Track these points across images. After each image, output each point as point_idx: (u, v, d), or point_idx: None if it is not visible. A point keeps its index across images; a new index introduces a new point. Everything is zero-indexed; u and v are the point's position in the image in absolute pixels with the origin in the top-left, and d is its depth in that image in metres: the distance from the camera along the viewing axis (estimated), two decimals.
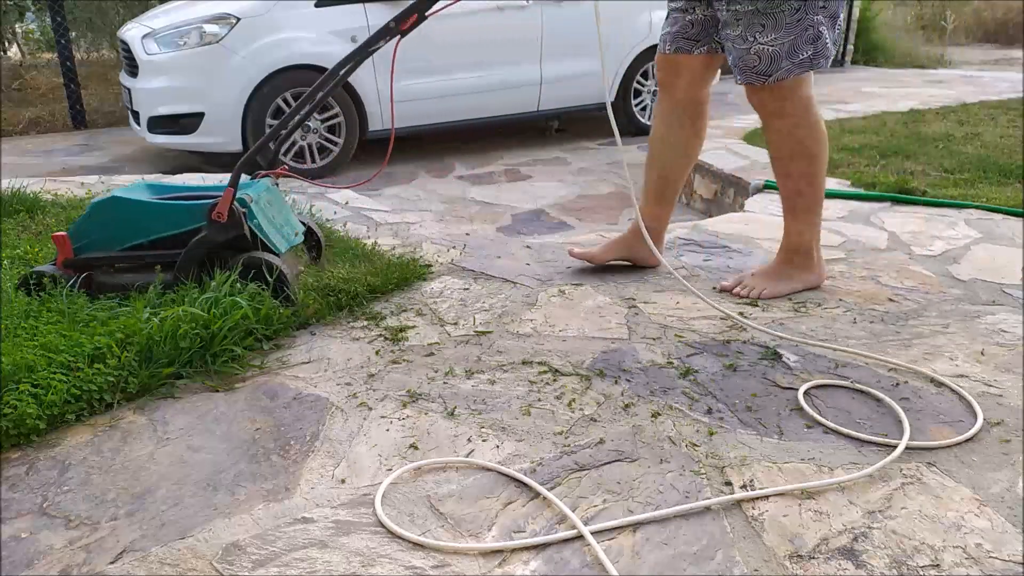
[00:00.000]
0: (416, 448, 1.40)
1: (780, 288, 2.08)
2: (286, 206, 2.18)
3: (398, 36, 1.93)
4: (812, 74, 1.92)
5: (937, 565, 1.11)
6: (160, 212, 1.97)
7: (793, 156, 1.98)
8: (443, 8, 1.93)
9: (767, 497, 1.25)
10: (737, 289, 2.09)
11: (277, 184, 2.19)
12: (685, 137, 2.16)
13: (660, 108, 2.17)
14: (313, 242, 2.29)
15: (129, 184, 2.14)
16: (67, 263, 1.94)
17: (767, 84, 1.87)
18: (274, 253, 1.98)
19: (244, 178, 1.99)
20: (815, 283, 2.13)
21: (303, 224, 2.24)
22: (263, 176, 2.17)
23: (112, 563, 1.12)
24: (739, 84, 1.93)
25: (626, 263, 2.32)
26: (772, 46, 1.82)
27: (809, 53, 1.83)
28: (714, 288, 2.15)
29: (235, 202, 1.91)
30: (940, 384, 1.61)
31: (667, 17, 2.08)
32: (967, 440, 1.40)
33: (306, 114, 2.03)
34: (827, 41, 1.85)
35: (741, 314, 1.98)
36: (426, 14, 1.92)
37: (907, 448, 1.38)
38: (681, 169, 2.22)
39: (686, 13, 2.00)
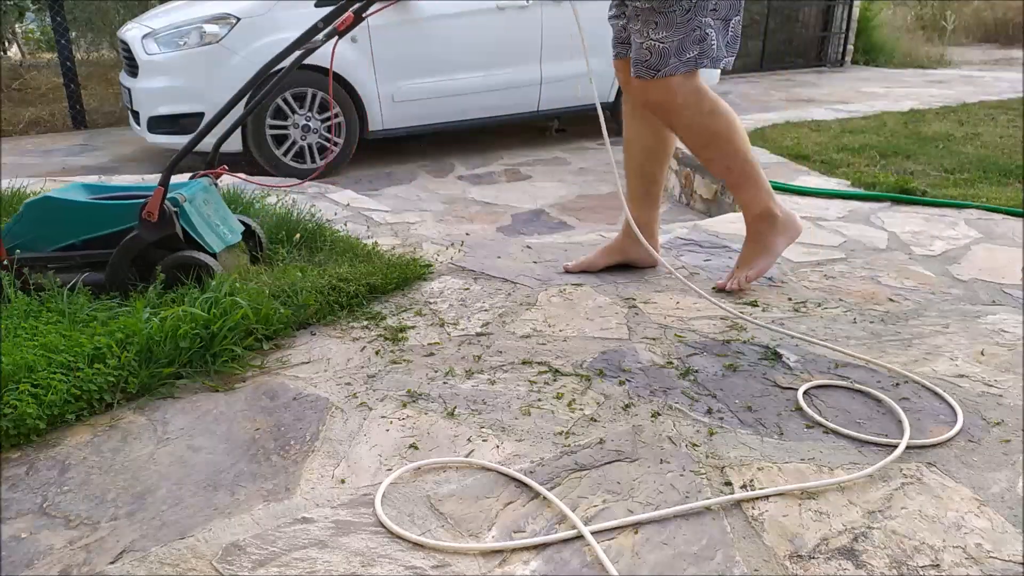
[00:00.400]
0: (416, 448, 1.40)
1: (764, 262, 2.11)
2: (223, 205, 2.18)
3: (336, 37, 1.95)
4: (697, 74, 1.97)
5: (937, 565, 1.11)
6: (91, 212, 1.98)
7: (704, 145, 2.03)
8: (382, 9, 1.95)
9: (767, 497, 1.25)
10: (730, 284, 2.11)
11: (216, 184, 2.20)
12: (654, 133, 2.18)
13: (625, 109, 2.23)
14: (254, 241, 2.28)
15: (65, 185, 2.15)
16: None
17: (655, 79, 1.92)
18: (208, 252, 1.99)
19: (185, 178, 2.00)
20: (794, 235, 2.16)
21: (244, 223, 2.25)
22: (201, 176, 2.18)
23: (112, 563, 1.12)
24: (632, 77, 1.97)
25: (624, 265, 2.32)
26: (662, 43, 1.88)
27: (695, 53, 1.89)
28: (713, 289, 2.15)
29: (166, 202, 1.92)
30: (930, 388, 1.61)
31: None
32: (954, 437, 1.40)
33: (242, 118, 2.04)
34: (713, 43, 1.90)
35: (741, 314, 1.98)
36: (363, 15, 1.94)
37: (906, 448, 1.38)
38: (659, 166, 2.25)
39: (619, 19, 2.09)
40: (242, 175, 2.56)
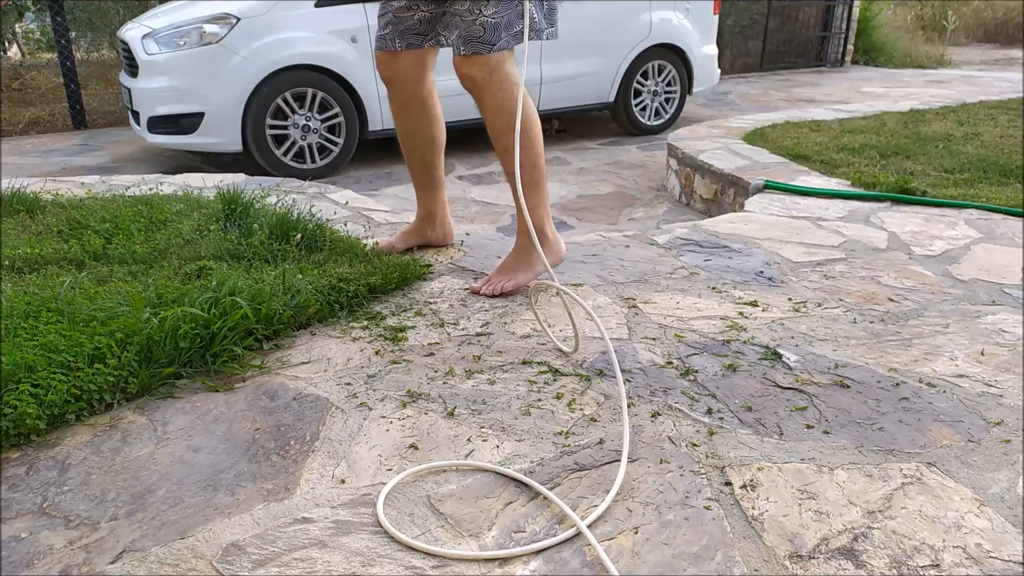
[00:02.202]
0: (416, 448, 1.40)
1: (522, 277, 2.12)
2: None
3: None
4: (512, 55, 2.03)
5: (937, 565, 1.11)
6: None
7: (511, 129, 2.01)
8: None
9: (767, 497, 1.25)
10: (483, 289, 2.11)
11: None
12: (430, 124, 2.28)
13: (393, 106, 2.28)
14: None
15: None
16: None
17: (490, 53, 1.96)
18: None
19: None
20: (555, 262, 2.16)
21: None
22: None
23: (112, 563, 1.12)
24: (461, 55, 1.99)
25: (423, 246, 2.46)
26: (493, 19, 1.95)
27: (519, 27, 1.97)
28: (468, 289, 2.15)
29: None
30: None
31: (384, 17, 2.17)
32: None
33: None
34: (534, 16, 2.00)
35: (741, 314, 1.98)
36: None
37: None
38: (438, 154, 2.35)
39: (415, 12, 2.11)
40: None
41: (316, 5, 4.48)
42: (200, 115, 4.36)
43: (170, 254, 2.29)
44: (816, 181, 3.34)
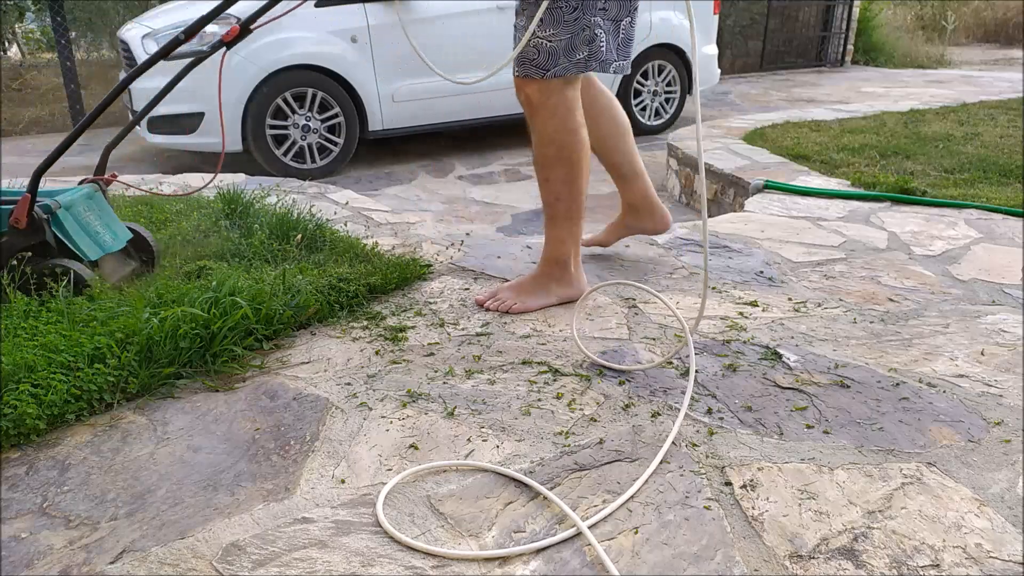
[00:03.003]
0: (416, 448, 1.40)
1: (532, 302, 2.02)
2: (110, 212, 2.13)
3: (223, 48, 1.97)
4: (579, 83, 1.93)
5: (937, 565, 1.11)
6: None
7: (555, 162, 1.95)
8: (267, 23, 1.96)
9: (767, 497, 1.25)
10: (489, 303, 2.03)
11: (103, 190, 2.15)
12: (607, 121, 2.21)
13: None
14: (144, 247, 2.23)
15: None
16: None
17: (544, 78, 1.86)
18: (80, 260, 1.96)
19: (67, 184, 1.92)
20: (572, 297, 2.06)
21: (133, 231, 2.20)
22: (88, 182, 2.15)
23: (112, 563, 1.12)
24: (515, 76, 1.91)
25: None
26: (550, 41, 1.82)
27: (584, 54, 1.84)
28: (475, 299, 2.08)
29: (37, 209, 1.89)
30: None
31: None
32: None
33: (88, 121, 1.99)
34: (602, 44, 1.85)
35: (741, 314, 1.98)
36: (250, 28, 1.94)
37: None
38: (617, 149, 2.25)
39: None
40: (127, 183, 2.48)
41: (316, 5, 4.48)
42: (200, 115, 4.36)
43: (170, 254, 2.29)
44: (816, 181, 3.34)
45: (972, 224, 2.74)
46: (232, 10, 4.37)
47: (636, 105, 5.79)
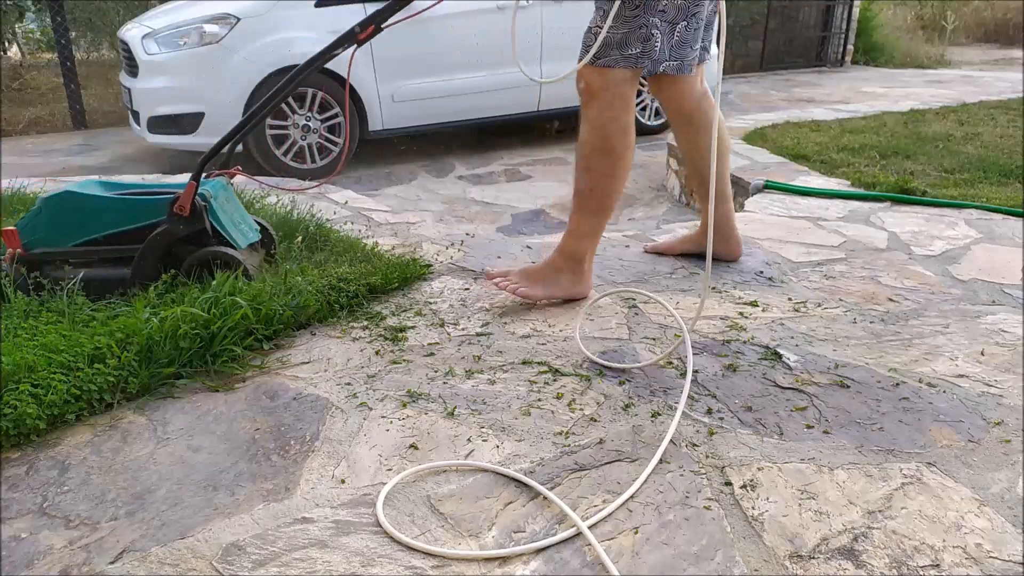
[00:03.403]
0: (416, 448, 1.40)
1: (539, 291, 2.04)
2: (240, 205, 2.20)
3: (355, 45, 1.97)
4: (637, 81, 1.96)
5: (937, 565, 1.11)
6: (117, 206, 1.97)
7: (599, 152, 1.98)
8: (401, 20, 1.97)
9: (767, 497, 1.25)
10: (498, 280, 2.05)
11: (231, 184, 2.22)
12: (691, 137, 2.22)
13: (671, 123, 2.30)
14: (267, 240, 2.29)
15: (81, 181, 2.13)
16: (17, 258, 1.92)
17: (595, 65, 1.91)
18: (234, 248, 2.01)
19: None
20: (578, 295, 2.08)
21: (258, 223, 2.27)
22: (216, 175, 2.19)
23: (112, 563, 1.12)
24: (578, 63, 1.96)
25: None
26: (609, 33, 1.88)
27: (637, 51, 1.89)
28: (484, 273, 2.13)
29: (197, 196, 1.93)
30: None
31: None
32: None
33: (262, 117, 2.06)
34: (657, 44, 1.89)
35: (741, 314, 1.98)
36: (382, 26, 1.95)
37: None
38: (709, 166, 2.24)
39: None
40: (260, 177, 2.56)
41: (316, 5, 4.47)
42: (200, 115, 4.35)
43: None
44: (816, 181, 3.34)
45: (972, 224, 2.74)
46: (232, 9, 4.37)
47: (636, 105, 5.79)
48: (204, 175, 2.09)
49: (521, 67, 2.25)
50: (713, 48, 2.12)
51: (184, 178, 2.11)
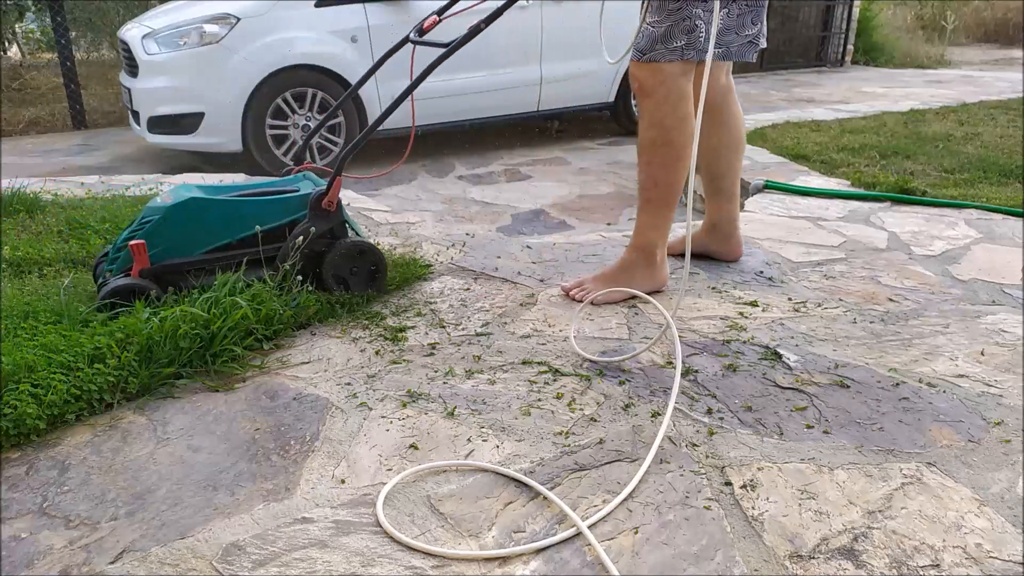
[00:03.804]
0: (416, 448, 1.40)
1: (616, 293, 2.05)
2: None
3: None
4: (691, 72, 1.96)
5: (937, 565, 1.11)
6: (250, 209, 1.94)
7: (659, 145, 2.00)
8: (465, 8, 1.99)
9: (767, 497, 1.25)
10: (574, 292, 2.08)
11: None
12: (708, 133, 2.19)
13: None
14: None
15: (177, 185, 2.07)
16: (144, 272, 1.86)
17: (642, 61, 1.94)
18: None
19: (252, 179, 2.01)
20: (656, 287, 2.11)
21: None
22: (297, 171, 2.21)
23: (112, 563, 1.12)
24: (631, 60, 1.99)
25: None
26: (652, 27, 1.91)
27: (682, 43, 1.91)
28: (559, 288, 2.14)
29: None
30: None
31: None
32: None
33: (401, 100, 2.02)
34: (702, 35, 1.91)
35: (741, 314, 1.98)
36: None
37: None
38: (720, 164, 2.25)
39: None
40: (322, 168, 2.55)
41: (316, 5, 4.47)
42: (200, 115, 4.35)
43: None
44: (816, 181, 3.34)
45: (972, 224, 2.74)
46: (232, 9, 4.37)
47: (636, 106, 5.79)
48: (286, 172, 2.13)
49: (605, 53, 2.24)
50: (762, 41, 2.09)
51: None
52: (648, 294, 2.03)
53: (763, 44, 2.12)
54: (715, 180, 2.28)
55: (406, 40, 2.04)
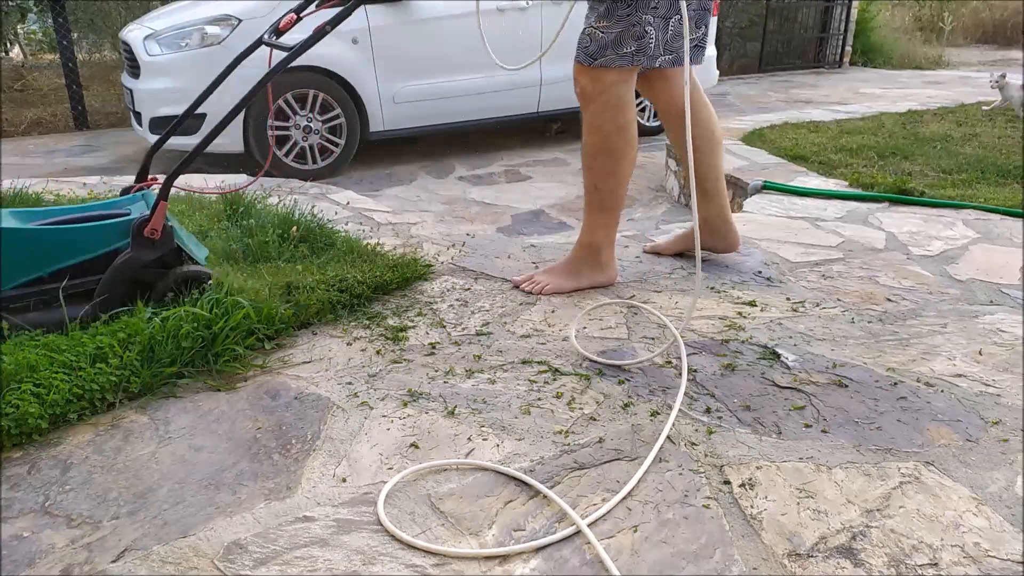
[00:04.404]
0: (417, 447, 1.41)
1: (565, 284, 2.14)
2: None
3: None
4: (632, 80, 1.99)
5: (935, 564, 1.12)
6: (68, 237, 1.73)
7: (598, 152, 2.04)
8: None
9: (766, 496, 1.26)
10: (525, 285, 2.15)
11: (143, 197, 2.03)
12: (684, 133, 2.19)
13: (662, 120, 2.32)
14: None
15: None
16: None
17: (591, 66, 1.95)
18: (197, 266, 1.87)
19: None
20: (604, 283, 2.18)
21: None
22: (136, 190, 2.01)
23: (114, 562, 1.13)
24: (574, 60, 2.00)
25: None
26: (602, 32, 1.92)
27: (632, 49, 1.92)
28: (511, 282, 2.19)
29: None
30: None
31: None
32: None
33: (231, 117, 1.94)
34: (651, 41, 1.92)
35: (740, 314, 1.98)
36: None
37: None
38: (703, 162, 2.24)
39: None
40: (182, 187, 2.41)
41: (317, 6, 4.48)
42: (202, 116, 4.36)
43: None
44: (814, 182, 3.35)
45: (970, 224, 2.74)
46: (233, 11, 4.38)
47: (636, 106, 5.80)
48: (124, 190, 1.97)
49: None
50: (711, 48, 2.13)
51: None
52: (593, 288, 2.13)
53: (710, 50, 2.15)
54: (699, 180, 2.28)
55: (259, 42, 2.01)
